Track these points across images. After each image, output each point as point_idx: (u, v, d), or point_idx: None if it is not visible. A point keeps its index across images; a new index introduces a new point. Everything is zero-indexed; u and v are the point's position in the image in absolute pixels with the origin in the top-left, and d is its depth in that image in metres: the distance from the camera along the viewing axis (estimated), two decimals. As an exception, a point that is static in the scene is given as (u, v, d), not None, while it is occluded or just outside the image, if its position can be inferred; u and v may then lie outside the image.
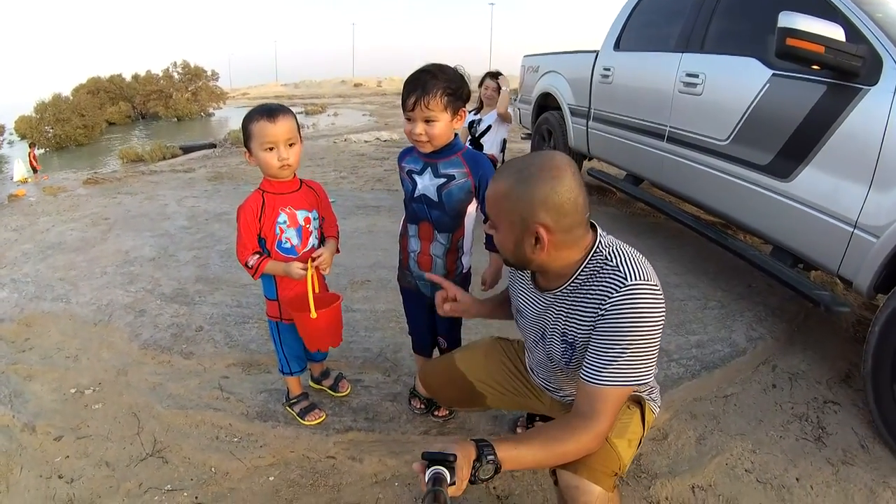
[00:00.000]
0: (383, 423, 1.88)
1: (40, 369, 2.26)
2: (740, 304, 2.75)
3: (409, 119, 1.52)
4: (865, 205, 1.85)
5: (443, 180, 1.58)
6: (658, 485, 1.62)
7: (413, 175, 1.62)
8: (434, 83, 1.46)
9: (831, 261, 2.02)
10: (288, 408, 1.92)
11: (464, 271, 1.74)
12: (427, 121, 1.49)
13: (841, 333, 2.51)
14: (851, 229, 1.90)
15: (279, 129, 1.56)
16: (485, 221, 1.55)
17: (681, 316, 2.62)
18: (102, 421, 1.92)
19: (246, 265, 1.64)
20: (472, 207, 1.65)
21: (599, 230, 1.20)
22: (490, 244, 1.59)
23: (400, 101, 1.56)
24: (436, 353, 1.93)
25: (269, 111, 1.57)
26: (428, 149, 1.56)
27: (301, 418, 1.88)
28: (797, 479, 1.64)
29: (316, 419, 1.87)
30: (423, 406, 1.93)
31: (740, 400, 2.03)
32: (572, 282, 1.18)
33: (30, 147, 9.28)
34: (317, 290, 1.74)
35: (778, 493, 1.59)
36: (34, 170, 9.09)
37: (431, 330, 1.86)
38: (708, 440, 1.82)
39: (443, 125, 1.51)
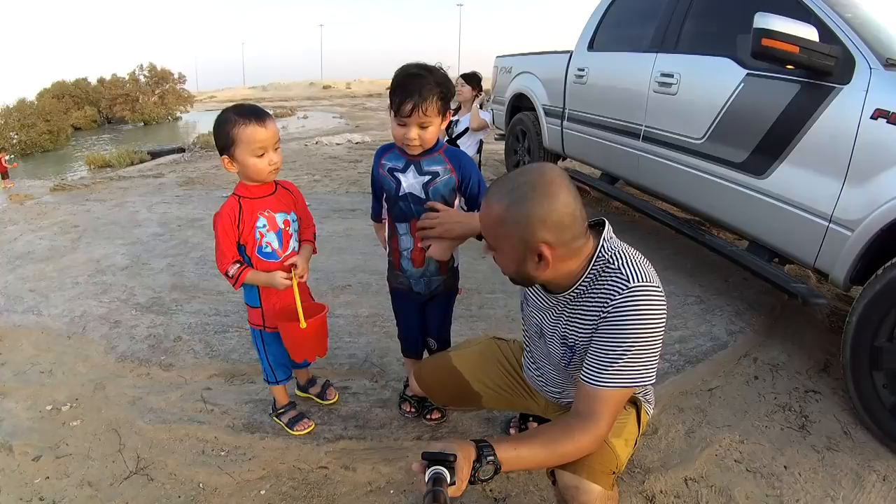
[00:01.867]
0: (374, 430, 1.86)
1: (14, 386, 2.16)
2: (719, 299, 2.81)
3: (402, 124, 1.50)
4: (840, 200, 1.91)
5: (428, 177, 1.58)
6: (652, 479, 1.64)
7: (396, 173, 1.60)
8: (429, 88, 1.45)
9: (808, 255, 2.08)
10: (275, 418, 1.88)
11: (455, 265, 1.76)
12: (422, 126, 1.49)
13: (817, 324, 2.59)
14: (827, 223, 1.96)
15: (269, 132, 1.52)
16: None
17: (663, 312, 2.66)
18: (82, 438, 1.84)
19: (226, 274, 1.60)
20: (457, 202, 1.65)
21: (605, 232, 1.18)
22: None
23: (368, 104, 1.56)
24: (425, 354, 1.91)
25: (256, 114, 1.52)
26: (418, 151, 1.55)
27: (290, 428, 1.84)
28: (785, 467, 1.69)
29: (305, 429, 1.84)
30: (413, 410, 1.92)
31: (725, 392, 2.07)
32: (575, 289, 1.18)
33: (0, 153, 8.97)
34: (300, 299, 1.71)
35: (768, 482, 1.63)
36: (4, 175, 8.77)
37: (422, 331, 1.84)
38: (697, 433, 1.85)
39: (435, 129, 1.52)
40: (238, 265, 1.59)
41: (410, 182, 1.59)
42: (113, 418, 1.94)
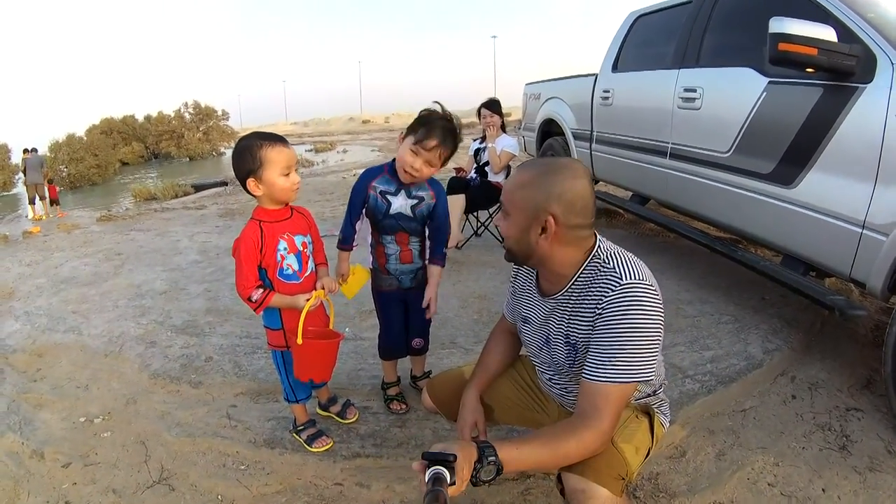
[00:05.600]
0: (391, 449, 1.85)
1: (50, 398, 2.26)
2: (755, 317, 2.69)
3: (416, 153, 1.72)
4: (872, 203, 1.82)
5: (416, 201, 1.85)
6: (677, 503, 1.56)
7: (388, 196, 1.83)
8: (453, 143, 1.74)
9: (843, 264, 1.98)
10: (295, 435, 1.90)
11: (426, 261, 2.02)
12: (428, 163, 1.73)
13: (859, 339, 2.45)
14: (860, 230, 1.87)
15: (292, 153, 1.60)
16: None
17: (694, 332, 2.57)
18: (111, 449, 1.91)
19: (249, 299, 1.59)
20: None
21: (599, 237, 1.25)
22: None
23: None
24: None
25: (278, 137, 1.59)
26: (410, 181, 1.79)
27: (308, 445, 1.85)
28: (823, 490, 1.58)
29: (323, 446, 1.85)
30: (404, 405, 2.07)
31: (759, 413, 1.97)
32: (573, 284, 1.22)
33: (49, 183, 9.58)
34: (330, 325, 1.76)
35: (803, 506, 1.53)
36: (54, 202, 9.34)
37: (405, 332, 2.04)
38: (728, 455, 1.75)
39: (432, 172, 1.78)
40: (261, 290, 1.60)
41: (400, 203, 1.84)
42: (141, 431, 2.00)
